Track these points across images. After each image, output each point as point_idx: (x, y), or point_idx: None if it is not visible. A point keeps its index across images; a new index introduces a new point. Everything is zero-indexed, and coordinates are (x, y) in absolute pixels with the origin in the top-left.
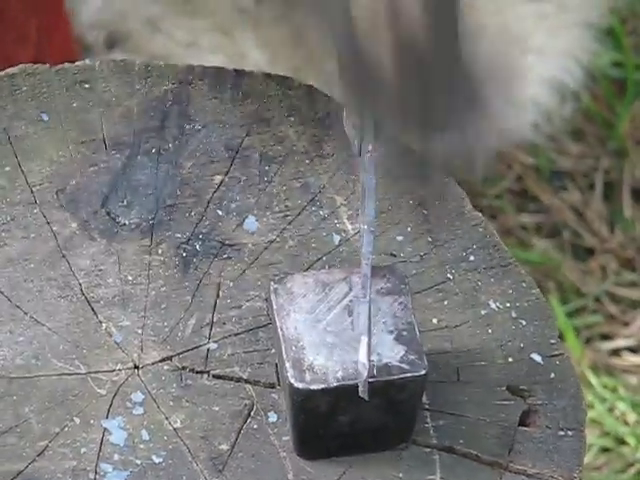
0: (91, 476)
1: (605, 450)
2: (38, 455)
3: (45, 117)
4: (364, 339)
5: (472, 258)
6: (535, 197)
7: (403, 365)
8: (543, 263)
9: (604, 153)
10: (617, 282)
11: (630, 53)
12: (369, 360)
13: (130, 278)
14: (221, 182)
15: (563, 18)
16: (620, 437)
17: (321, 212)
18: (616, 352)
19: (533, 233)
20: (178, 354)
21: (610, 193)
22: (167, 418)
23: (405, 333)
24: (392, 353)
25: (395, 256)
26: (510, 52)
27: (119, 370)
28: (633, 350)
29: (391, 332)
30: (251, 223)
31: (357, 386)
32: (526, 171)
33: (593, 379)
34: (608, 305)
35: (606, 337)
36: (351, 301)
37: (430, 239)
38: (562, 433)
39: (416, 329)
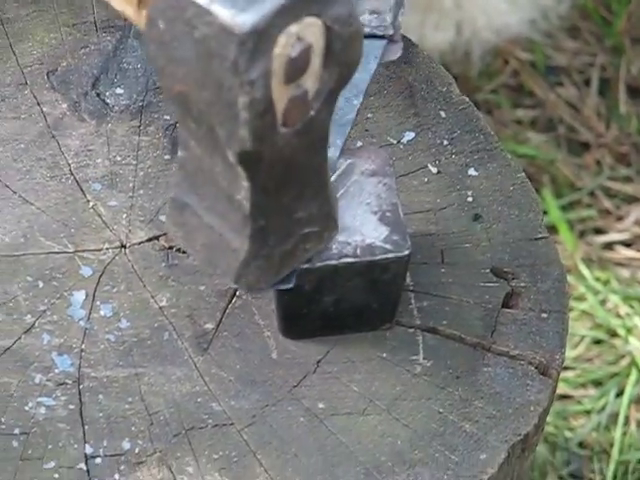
0: (78, 352)
1: (597, 342)
2: (25, 332)
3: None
4: None
5: (458, 142)
6: (531, 92)
7: (387, 245)
8: (538, 157)
9: (600, 50)
10: (612, 177)
11: None
12: None
13: (119, 159)
14: None
15: None
16: (612, 329)
17: None
18: (609, 246)
19: (528, 128)
20: (165, 234)
21: (606, 89)
22: (153, 297)
23: (389, 214)
24: (376, 233)
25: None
26: None
27: (106, 249)
28: (626, 244)
29: (375, 213)
30: None
31: (341, 265)
32: (522, 66)
33: (586, 272)
34: (602, 199)
35: (600, 231)
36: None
37: (416, 122)
38: (545, 315)
39: (400, 210)
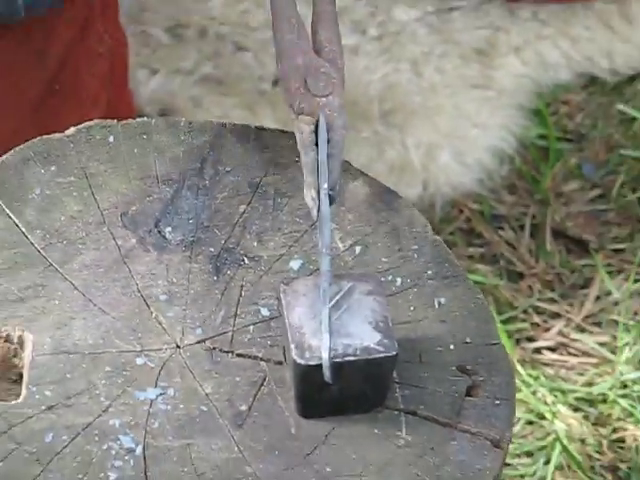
0: (143, 427)
1: (530, 423)
2: (103, 411)
3: (113, 159)
4: (325, 338)
5: (432, 270)
6: (479, 234)
7: (379, 347)
8: (485, 283)
9: (532, 202)
10: (540, 298)
11: (552, 128)
12: (329, 355)
13: (175, 280)
14: (244, 210)
15: (501, 101)
16: (541, 413)
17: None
18: (538, 350)
19: (478, 261)
20: (210, 337)
21: (536, 232)
22: (201, 386)
23: (381, 324)
24: (371, 338)
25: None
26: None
27: (165, 349)
28: (551, 349)
29: (370, 323)
30: (268, 243)
31: (345, 362)
32: (473, 215)
33: (521, 370)
34: (533, 315)
35: (531, 339)
36: (340, 298)
37: (400, 255)
38: (497, 402)
39: (389, 321)
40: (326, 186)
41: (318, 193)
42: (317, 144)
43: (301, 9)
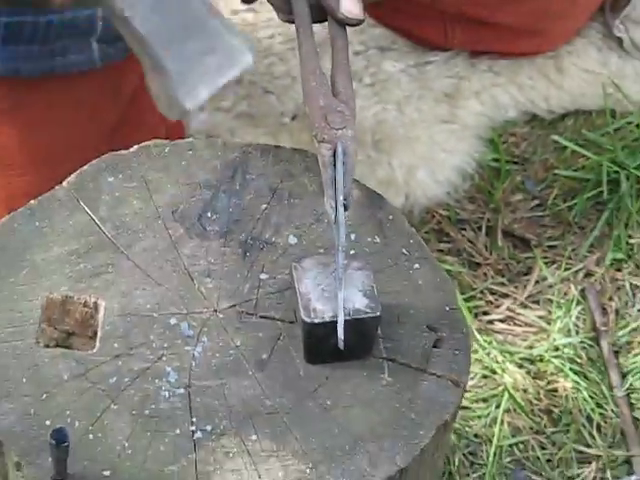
0: (188, 371)
1: (484, 377)
2: (157, 359)
3: (166, 169)
4: (340, 315)
5: (407, 253)
6: (447, 233)
7: (367, 309)
8: (452, 271)
9: (487, 210)
10: (493, 282)
11: (502, 154)
12: (342, 317)
13: (213, 260)
14: (265, 208)
15: (464, 133)
16: (493, 369)
17: (322, 227)
18: (491, 322)
19: (446, 254)
20: (239, 303)
21: (490, 232)
22: (232, 340)
23: (368, 292)
24: (361, 302)
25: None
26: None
27: (205, 312)
28: (501, 321)
29: (360, 291)
30: (283, 232)
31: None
32: (443, 219)
33: (478, 336)
34: (488, 295)
35: (486, 313)
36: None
37: (385, 240)
38: (457, 352)
39: (375, 289)
40: (342, 197)
41: (336, 202)
42: (334, 165)
43: (323, 63)
